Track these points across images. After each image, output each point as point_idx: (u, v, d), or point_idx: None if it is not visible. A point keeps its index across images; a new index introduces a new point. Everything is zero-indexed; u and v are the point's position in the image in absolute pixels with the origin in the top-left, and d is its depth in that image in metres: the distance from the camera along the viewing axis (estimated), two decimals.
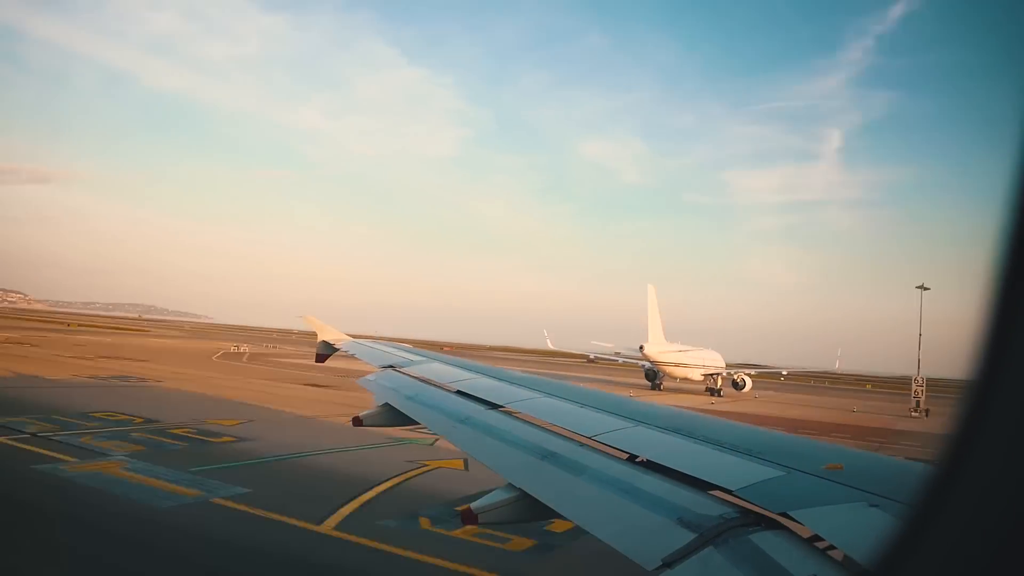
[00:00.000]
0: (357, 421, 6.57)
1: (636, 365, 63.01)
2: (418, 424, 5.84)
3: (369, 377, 7.77)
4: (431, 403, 6.14)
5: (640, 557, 2.62)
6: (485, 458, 4.40)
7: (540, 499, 3.54)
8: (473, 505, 3.79)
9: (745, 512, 2.73)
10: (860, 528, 2.40)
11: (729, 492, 2.94)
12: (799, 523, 2.51)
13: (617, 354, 67.93)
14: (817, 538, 2.41)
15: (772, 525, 2.59)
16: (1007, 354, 1.05)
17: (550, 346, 68.56)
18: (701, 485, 3.11)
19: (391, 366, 8.11)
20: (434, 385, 6.78)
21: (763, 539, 2.47)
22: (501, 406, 5.39)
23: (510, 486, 3.82)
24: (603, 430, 4.19)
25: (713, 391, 54.64)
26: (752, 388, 54.66)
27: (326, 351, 10.71)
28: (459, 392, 6.16)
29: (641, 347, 55.18)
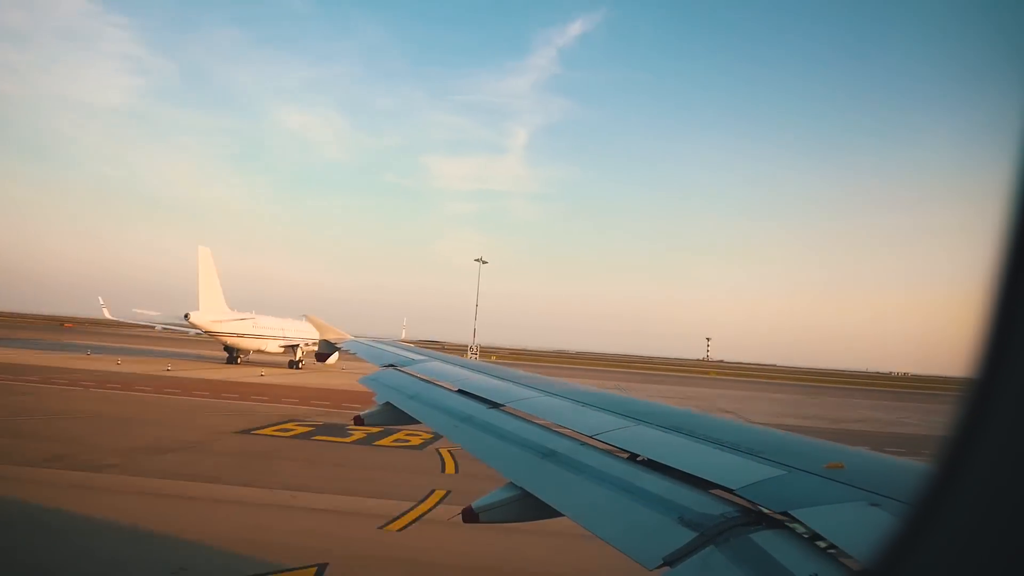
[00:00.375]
0: (358, 420, 6.58)
1: (185, 334, 59.15)
2: (419, 423, 5.84)
3: (370, 376, 7.78)
4: (432, 402, 6.14)
5: (641, 556, 2.62)
6: (486, 457, 4.40)
7: (541, 498, 3.55)
8: (475, 504, 3.79)
9: (746, 511, 2.73)
10: (861, 527, 2.40)
11: (730, 491, 2.94)
12: (800, 522, 2.51)
13: (166, 327, 62.71)
14: (818, 537, 2.41)
15: (773, 524, 2.59)
16: (1007, 353, 1.06)
17: (106, 315, 61.86)
18: (702, 484, 3.12)
19: (392, 365, 8.12)
20: (435, 384, 6.79)
21: (764, 538, 2.47)
22: (502, 405, 5.40)
23: (511, 485, 3.82)
24: (604, 429, 4.20)
25: (293, 363, 52.05)
26: (338, 360, 49.79)
27: (327, 350, 10.72)
28: (460, 391, 6.17)
29: (187, 315, 50.72)
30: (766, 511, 2.68)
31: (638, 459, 3.68)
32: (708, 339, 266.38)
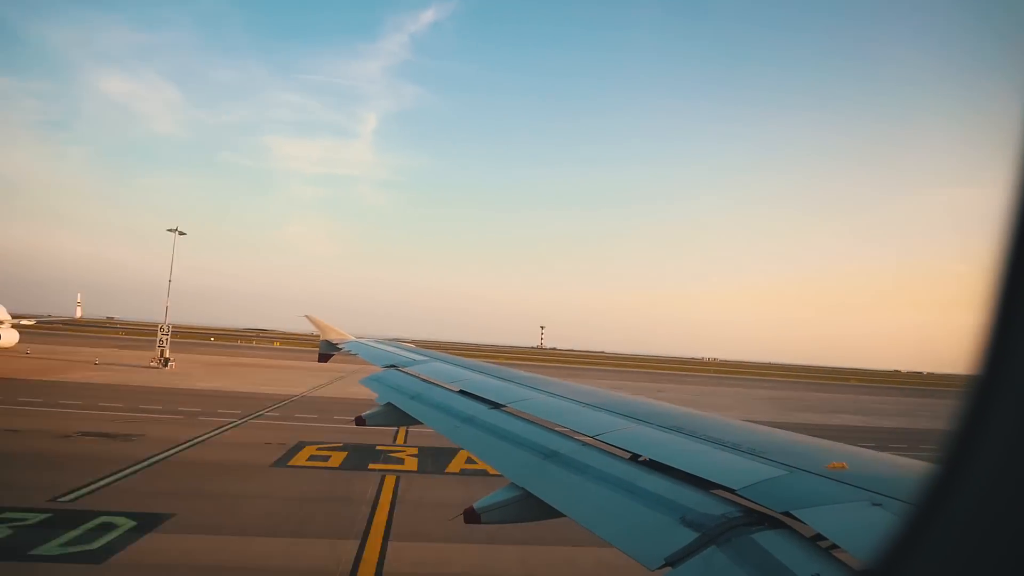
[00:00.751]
0: (360, 420, 6.58)
1: None
2: (421, 424, 5.85)
3: (372, 376, 7.78)
4: (434, 402, 6.15)
5: (643, 557, 2.62)
6: (488, 457, 4.40)
7: (543, 499, 3.54)
8: (476, 504, 3.79)
9: (748, 511, 2.73)
10: (863, 527, 2.39)
11: (732, 491, 2.93)
12: (802, 522, 2.51)
13: None
14: (820, 537, 2.41)
15: (775, 524, 2.58)
16: (1008, 352, 1.05)
17: None
18: (704, 484, 3.11)
19: (393, 365, 8.13)
20: (437, 385, 6.79)
21: (766, 538, 2.46)
22: (504, 405, 5.40)
23: (513, 485, 3.82)
24: (605, 429, 4.19)
25: None
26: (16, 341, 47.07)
27: (328, 350, 10.72)
28: (462, 391, 6.17)
29: None
30: (768, 511, 2.67)
31: (639, 459, 3.68)
32: (543, 327, 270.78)
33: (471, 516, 3.75)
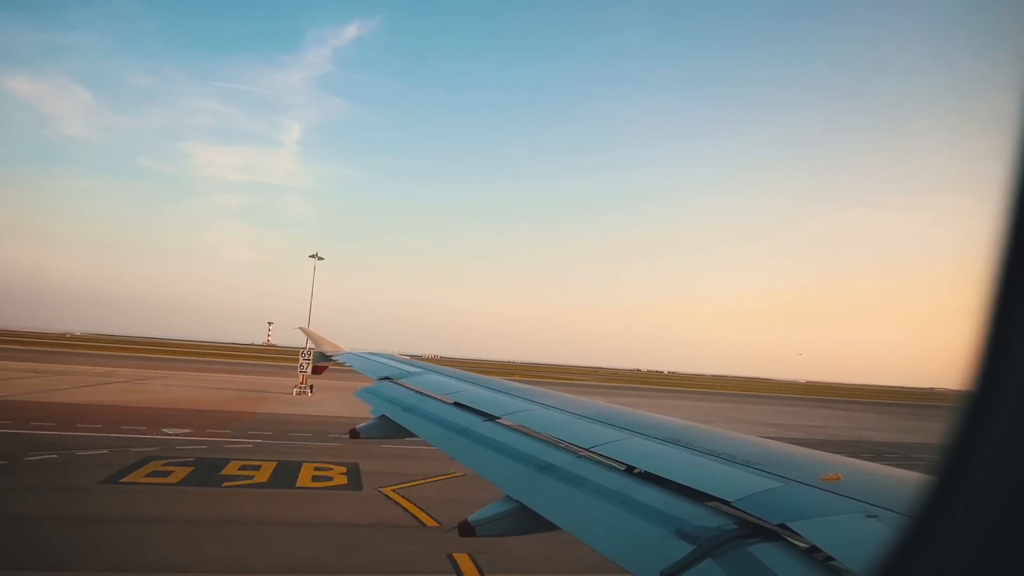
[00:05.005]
0: (354, 433, 6.55)
1: None
2: (415, 436, 5.82)
3: (366, 388, 7.75)
4: (428, 415, 6.12)
5: (638, 569, 2.60)
6: (483, 470, 4.37)
7: (538, 511, 3.52)
8: (471, 517, 3.76)
9: (743, 523, 2.72)
10: (858, 539, 2.38)
11: (727, 503, 2.92)
12: (797, 534, 2.50)
13: None
14: (815, 549, 2.40)
15: (770, 536, 2.57)
16: (1004, 364, 1.05)
17: None
18: (699, 496, 3.10)
19: (387, 377, 8.10)
20: (431, 396, 6.77)
21: (761, 550, 2.45)
22: (498, 417, 5.38)
23: (508, 498, 3.80)
24: (600, 441, 4.18)
25: None
26: None
27: (323, 362, 10.69)
28: (456, 403, 6.15)
29: None
30: (763, 523, 2.66)
31: (635, 471, 3.66)
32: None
33: (465, 529, 3.72)
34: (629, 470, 3.70)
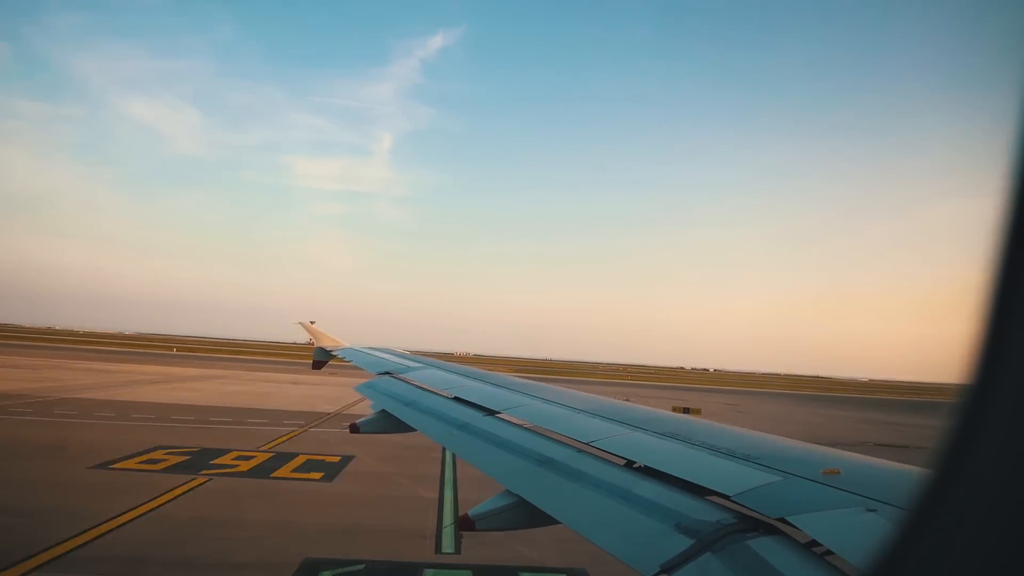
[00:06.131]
0: (354, 428, 6.56)
1: None
2: (415, 431, 5.83)
3: (366, 383, 7.76)
4: (429, 409, 6.13)
5: (638, 563, 2.61)
6: (483, 464, 4.38)
7: (538, 505, 3.53)
8: (471, 512, 3.78)
9: (743, 517, 2.73)
10: (857, 533, 2.39)
11: (727, 497, 2.93)
12: (797, 528, 2.51)
13: None
14: (815, 543, 2.41)
15: (770, 530, 2.58)
16: (1002, 358, 1.06)
17: None
18: (698, 491, 3.11)
19: (388, 372, 8.10)
20: (432, 391, 6.77)
21: (761, 544, 2.46)
22: (498, 412, 5.39)
23: (508, 492, 3.81)
24: (600, 436, 4.19)
25: None
26: None
27: (323, 357, 10.68)
28: (456, 398, 6.16)
29: None
30: (763, 517, 2.67)
31: (634, 466, 3.67)
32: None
33: (466, 523, 3.73)
34: (629, 464, 3.71)
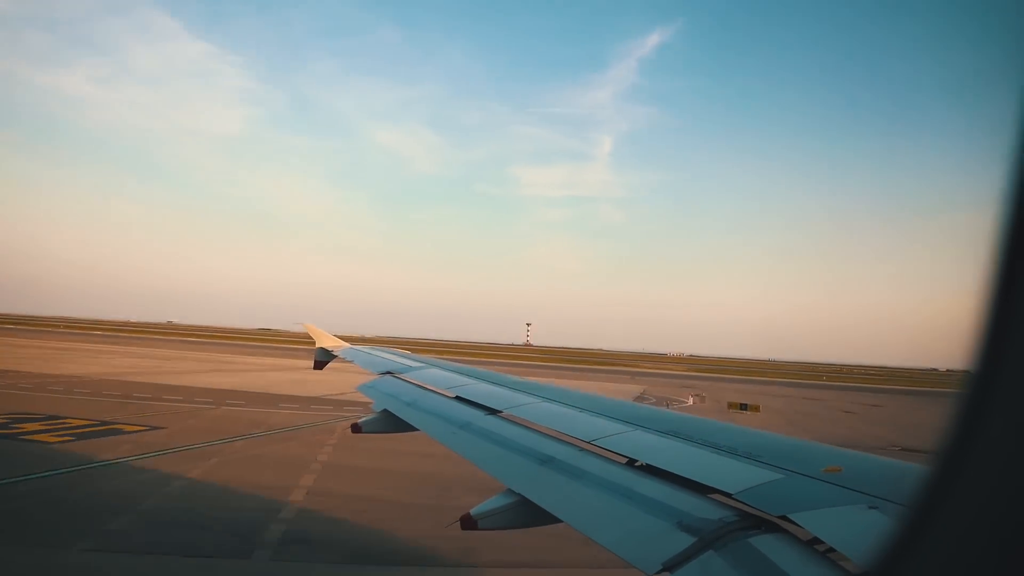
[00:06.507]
0: (356, 428, 6.55)
1: None
2: (417, 430, 5.83)
3: (368, 383, 7.75)
4: (430, 409, 6.13)
5: (640, 562, 2.61)
6: (485, 464, 4.39)
7: (540, 504, 3.54)
8: (473, 511, 3.78)
9: (744, 515, 2.73)
10: (859, 530, 2.39)
11: (728, 495, 2.93)
12: (799, 526, 2.51)
13: None
14: (817, 541, 2.41)
15: (772, 528, 2.58)
16: (1004, 353, 1.05)
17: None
18: (700, 489, 3.11)
19: (389, 372, 8.10)
20: (433, 391, 6.77)
21: (763, 542, 2.47)
22: (500, 411, 5.39)
23: (510, 491, 3.81)
24: (602, 434, 4.19)
25: None
26: None
27: (324, 358, 10.68)
28: (458, 398, 6.15)
29: None
30: (764, 515, 2.67)
31: (636, 464, 3.67)
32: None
33: (468, 522, 3.73)
34: (631, 463, 3.71)
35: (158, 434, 22.16)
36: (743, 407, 43.85)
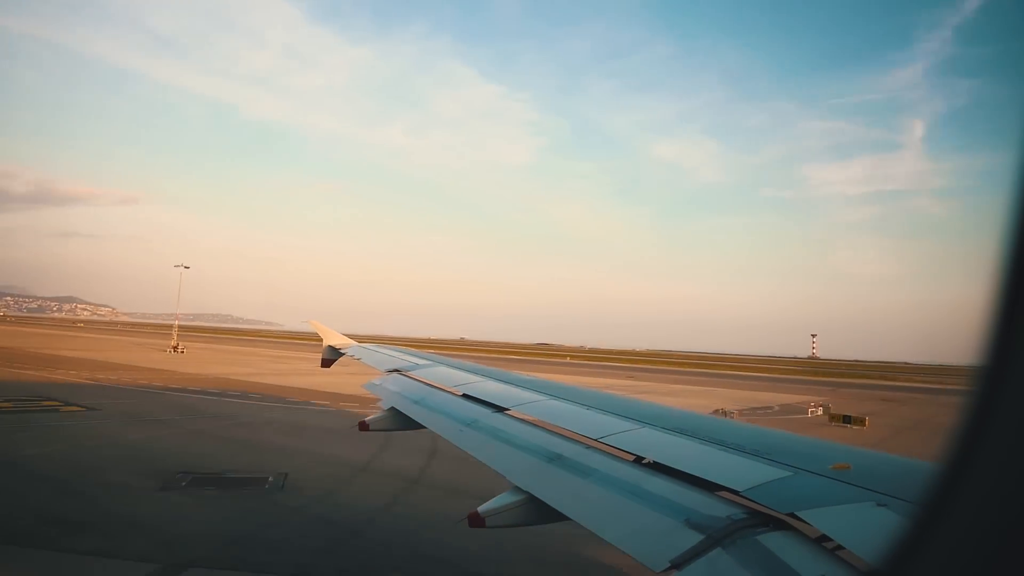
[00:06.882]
0: (363, 426, 6.58)
1: None
2: (424, 428, 5.84)
3: (375, 381, 7.78)
4: (437, 407, 6.14)
5: (648, 559, 2.62)
6: (492, 461, 4.40)
7: (547, 502, 3.55)
8: (480, 508, 3.79)
9: (753, 513, 2.73)
10: (868, 528, 2.39)
11: (736, 493, 2.93)
12: (807, 523, 2.51)
13: None
14: (825, 538, 2.41)
15: (780, 525, 2.58)
16: (1013, 351, 1.05)
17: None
18: (708, 486, 3.11)
19: (397, 370, 8.12)
20: (440, 389, 6.79)
21: (771, 540, 2.46)
22: (507, 409, 5.40)
23: (517, 489, 3.82)
24: (609, 432, 4.19)
25: None
26: None
27: (332, 356, 10.71)
28: (465, 395, 6.17)
29: None
30: (773, 512, 2.67)
31: (643, 462, 3.68)
32: None
33: (475, 520, 3.74)
34: (638, 460, 3.72)
35: None
36: (847, 419, 33.73)
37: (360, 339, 11.63)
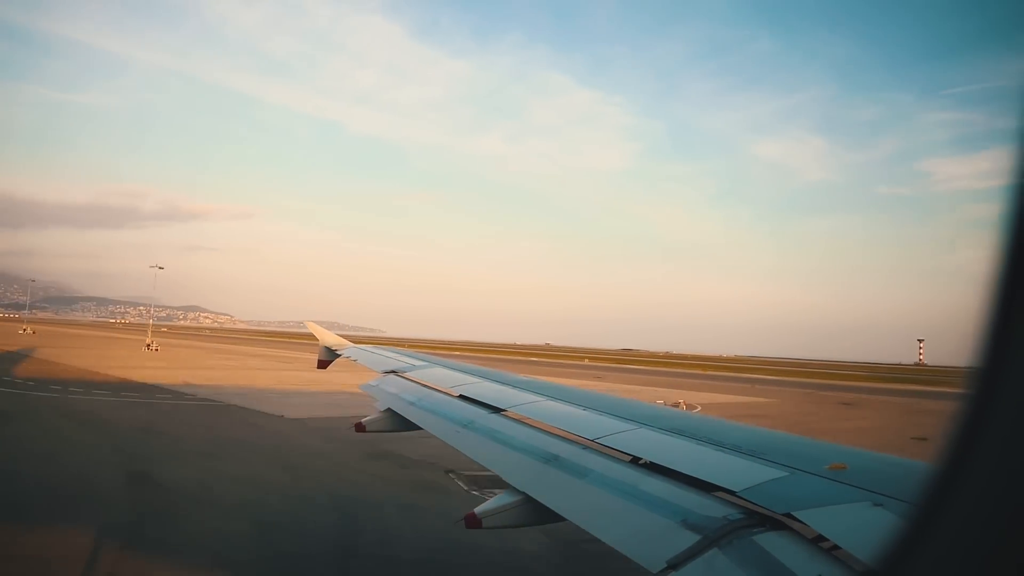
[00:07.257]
0: (360, 427, 6.56)
1: None
2: (420, 429, 5.83)
3: (371, 382, 7.76)
4: (434, 408, 6.13)
5: (645, 559, 2.62)
6: (488, 462, 4.39)
7: (544, 503, 3.54)
8: (477, 510, 3.79)
9: (749, 513, 2.73)
10: (865, 528, 2.39)
11: (733, 493, 2.94)
12: (803, 523, 2.51)
13: None
14: (822, 538, 2.41)
15: (776, 526, 2.58)
16: (1009, 350, 1.05)
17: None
18: (705, 487, 3.11)
19: (393, 371, 8.10)
20: (436, 390, 6.77)
21: (768, 540, 2.47)
22: (504, 410, 5.39)
23: (514, 490, 3.82)
24: (606, 433, 4.19)
25: None
26: None
27: (328, 357, 10.68)
28: (461, 396, 6.16)
29: None
30: (769, 513, 2.67)
31: (640, 462, 3.68)
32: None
33: (472, 521, 3.74)
34: (635, 461, 3.72)
35: None
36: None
37: (433, 350, 11.66)
